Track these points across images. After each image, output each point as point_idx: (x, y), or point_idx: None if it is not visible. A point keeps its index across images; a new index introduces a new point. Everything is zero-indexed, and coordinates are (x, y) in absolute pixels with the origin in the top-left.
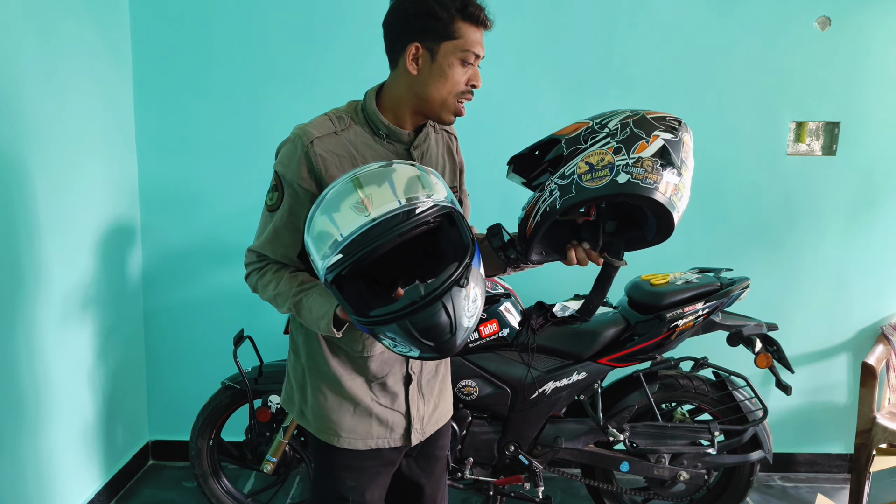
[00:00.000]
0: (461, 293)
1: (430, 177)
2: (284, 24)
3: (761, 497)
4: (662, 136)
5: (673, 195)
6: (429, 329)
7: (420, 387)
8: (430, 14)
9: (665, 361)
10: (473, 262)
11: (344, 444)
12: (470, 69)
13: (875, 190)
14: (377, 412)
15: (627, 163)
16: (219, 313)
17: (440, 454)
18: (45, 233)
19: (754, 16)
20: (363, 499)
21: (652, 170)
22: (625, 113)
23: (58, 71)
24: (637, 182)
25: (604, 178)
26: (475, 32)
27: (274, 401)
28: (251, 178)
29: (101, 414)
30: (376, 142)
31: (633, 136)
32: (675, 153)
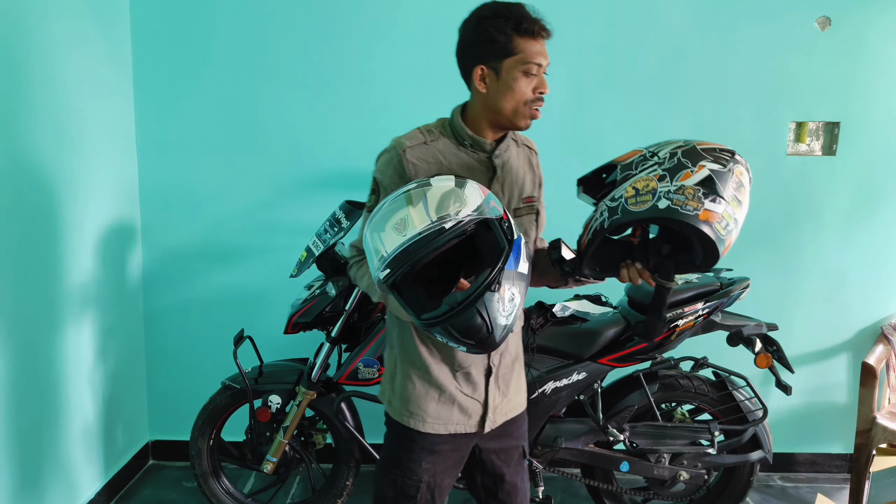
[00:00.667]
0: (494, 297)
1: (465, 189)
2: (285, 24)
3: (761, 497)
4: (709, 166)
5: (716, 223)
6: (466, 330)
7: (497, 379)
8: (488, 39)
9: (665, 361)
10: (509, 264)
11: (428, 428)
12: (534, 79)
13: (875, 190)
14: (460, 400)
15: (669, 189)
16: (219, 313)
17: (518, 444)
18: (45, 233)
19: (754, 16)
20: (435, 480)
21: (693, 197)
22: (677, 143)
23: (58, 71)
24: (676, 208)
25: (646, 202)
26: (533, 45)
27: (274, 401)
28: (251, 178)
29: (101, 414)
30: (461, 150)
31: (679, 164)
32: (721, 183)
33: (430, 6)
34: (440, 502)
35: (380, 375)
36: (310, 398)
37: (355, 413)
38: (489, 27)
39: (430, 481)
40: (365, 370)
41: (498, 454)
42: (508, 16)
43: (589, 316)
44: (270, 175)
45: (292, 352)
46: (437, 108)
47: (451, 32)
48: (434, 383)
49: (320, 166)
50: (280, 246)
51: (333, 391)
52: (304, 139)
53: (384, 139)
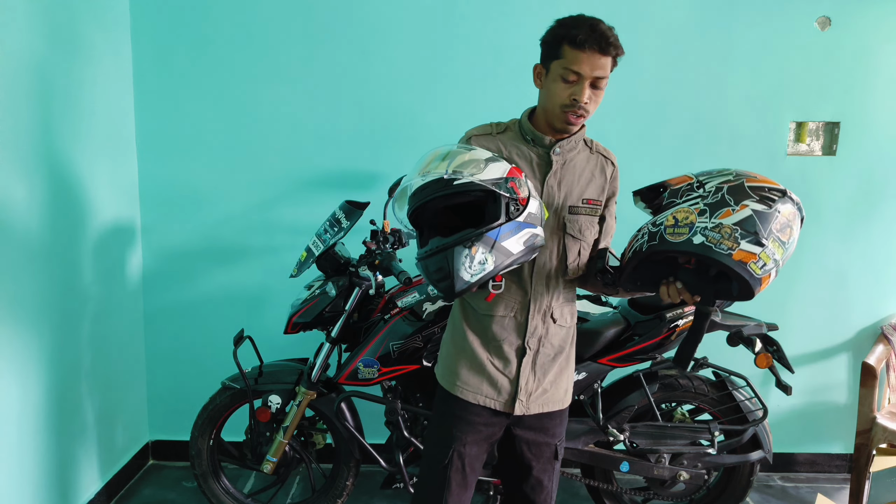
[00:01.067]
0: (463, 252)
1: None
2: (285, 25)
3: (761, 497)
4: (752, 206)
5: (751, 263)
6: (434, 272)
7: (534, 364)
8: (546, 41)
9: (665, 361)
10: (494, 233)
11: (458, 392)
12: (572, 86)
13: (875, 190)
14: (489, 371)
15: (707, 226)
16: (219, 313)
17: (550, 441)
18: (46, 233)
19: (754, 16)
20: (464, 449)
21: (728, 237)
22: (727, 176)
23: (58, 71)
24: (711, 246)
25: (682, 234)
26: (578, 54)
27: (274, 401)
28: (251, 178)
29: (101, 414)
30: (524, 145)
31: (721, 201)
32: (763, 225)
33: (430, 6)
34: (471, 471)
35: (380, 375)
36: (310, 398)
37: (355, 413)
38: (550, 31)
39: (461, 451)
40: (365, 370)
41: (529, 446)
42: (568, 24)
43: (589, 316)
44: (271, 175)
45: (292, 352)
46: (438, 107)
47: (451, 32)
48: (468, 350)
49: (320, 166)
50: (280, 246)
51: (333, 391)
52: (305, 139)
53: (384, 139)
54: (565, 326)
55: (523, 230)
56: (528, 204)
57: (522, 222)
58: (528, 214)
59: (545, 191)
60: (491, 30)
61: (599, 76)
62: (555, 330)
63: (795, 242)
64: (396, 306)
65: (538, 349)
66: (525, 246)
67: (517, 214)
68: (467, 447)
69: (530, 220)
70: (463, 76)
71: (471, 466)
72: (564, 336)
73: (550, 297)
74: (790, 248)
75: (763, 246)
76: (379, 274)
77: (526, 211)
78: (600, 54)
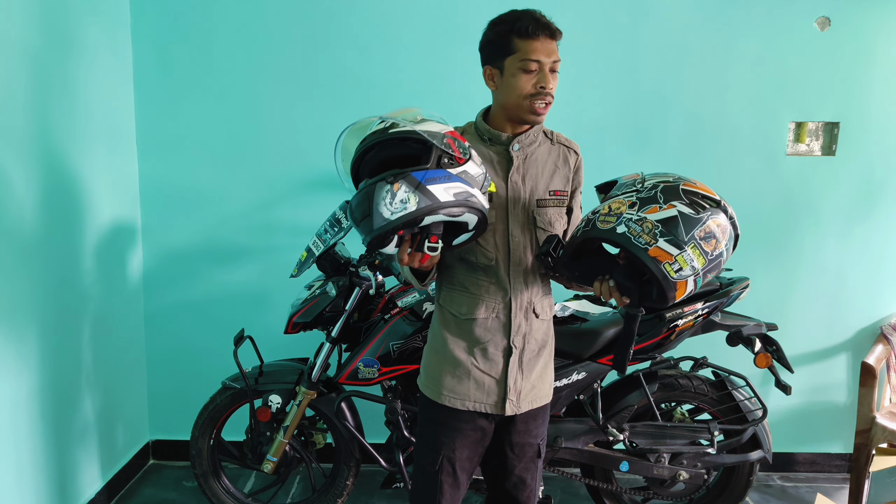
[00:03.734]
0: (385, 187)
1: (430, 121)
2: (285, 25)
3: (761, 497)
4: (679, 207)
5: (665, 263)
6: (355, 210)
7: (521, 362)
8: (490, 41)
9: (665, 361)
10: (421, 175)
11: (444, 401)
12: (534, 75)
13: (875, 190)
14: (475, 375)
15: (632, 218)
16: (219, 313)
17: (532, 441)
18: (46, 233)
19: (754, 16)
20: (453, 455)
21: (648, 232)
22: (668, 178)
23: (58, 71)
24: (630, 237)
25: (610, 223)
26: (533, 44)
27: (274, 401)
28: (251, 178)
29: (101, 414)
30: (482, 145)
31: (653, 198)
32: (686, 227)
33: (430, 6)
34: (462, 472)
35: (380, 375)
36: (310, 398)
37: (355, 413)
38: (491, 32)
39: (450, 456)
40: (365, 370)
41: (512, 447)
42: (509, 20)
43: (589, 316)
44: (270, 175)
45: (292, 352)
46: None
47: (451, 32)
48: (450, 357)
49: (320, 166)
50: (280, 246)
51: (334, 391)
52: (305, 139)
53: None
54: (546, 320)
55: (454, 182)
56: (467, 163)
57: (454, 175)
58: (462, 171)
59: (510, 187)
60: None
61: (556, 60)
62: (537, 325)
63: (724, 257)
64: (396, 306)
65: (524, 346)
66: (455, 198)
67: (450, 165)
68: (457, 451)
69: (465, 177)
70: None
71: (461, 468)
72: (546, 329)
73: (530, 293)
74: (715, 261)
75: (681, 249)
76: (379, 274)
77: (461, 168)
78: (551, 39)
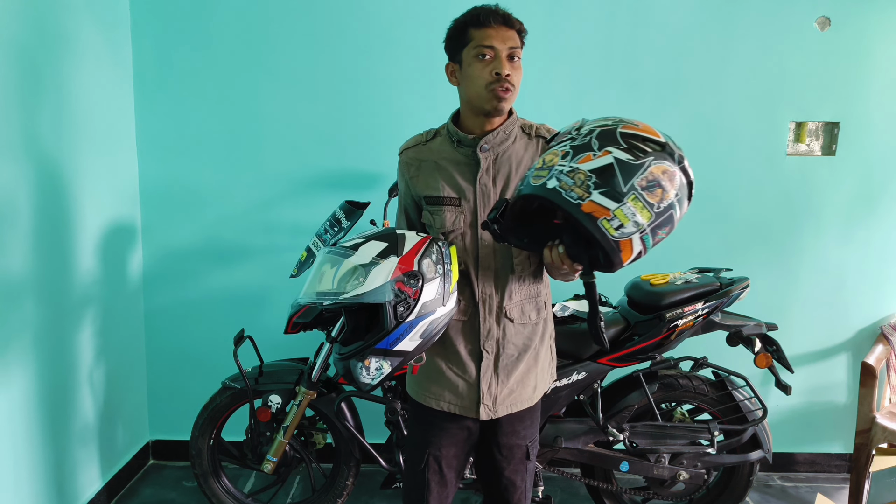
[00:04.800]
0: (358, 364)
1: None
2: (285, 24)
3: (761, 497)
4: (616, 153)
5: (602, 220)
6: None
7: (496, 367)
8: (449, 38)
9: (665, 361)
10: (384, 342)
11: (423, 400)
12: (490, 62)
13: (875, 190)
14: (448, 376)
15: (563, 170)
16: (219, 313)
17: (520, 443)
18: (46, 233)
19: (754, 16)
20: (439, 453)
21: (581, 184)
22: (608, 122)
23: (58, 71)
24: (560, 192)
25: (542, 178)
26: (484, 31)
27: (274, 401)
28: (251, 178)
29: (101, 414)
30: (452, 148)
31: (587, 145)
32: (623, 176)
33: (430, 6)
34: (450, 469)
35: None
36: (310, 398)
37: (355, 413)
38: (450, 31)
39: (436, 454)
40: None
41: (500, 449)
42: (467, 14)
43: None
44: (270, 175)
45: (292, 352)
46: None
47: None
48: (427, 359)
49: (320, 166)
50: (280, 246)
51: (334, 391)
52: (305, 139)
53: (384, 139)
54: (529, 324)
55: (417, 325)
56: (423, 294)
57: (415, 319)
58: (421, 307)
59: (478, 190)
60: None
61: (513, 47)
62: (515, 330)
63: (677, 210)
64: None
65: (498, 352)
66: (423, 338)
67: (408, 314)
68: (443, 450)
69: (425, 310)
70: None
71: (448, 466)
72: (529, 334)
73: (501, 298)
74: (664, 215)
75: (620, 202)
76: None
77: (419, 304)
78: (506, 27)
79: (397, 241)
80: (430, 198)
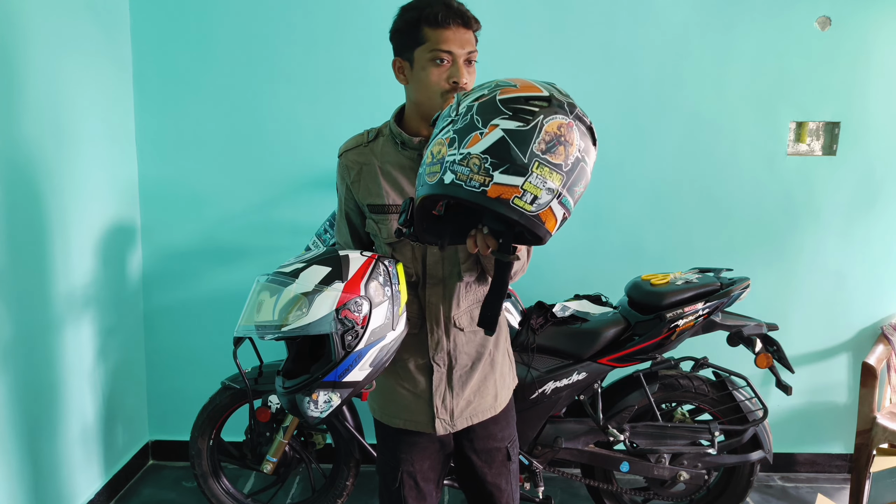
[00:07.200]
0: (305, 399)
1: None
2: (285, 25)
3: (761, 497)
4: (503, 125)
5: (514, 198)
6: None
7: (449, 380)
8: (398, 30)
9: (665, 361)
10: (332, 374)
11: (381, 418)
12: (446, 67)
13: (875, 190)
14: (400, 393)
15: (455, 159)
16: (219, 313)
17: (498, 445)
18: (46, 233)
19: (754, 16)
20: (413, 468)
21: (478, 170)
22: (482, 90)
23: (58, 71)
24: (460, 184)
25: (435, 174)
26: (442, 33)
27: (274, 401)
28: (251, 178)
29: (101, 414)
30: (395, 150)
31: (470, 124)
32: (520, 147)
33: None
34: (429, 485)
35: None
36: None
37: (355, 413)
38: (400, 19)
39: (409, 470)
40: None
41: (479, 454)
42: (418, 6)
43: (589, 316)
44: (270, 175)
45: None
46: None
47: None
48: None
49: (320, 166)
50: (280, 246)
51: None
52: (305, 139)
53: None
54: (480, 331)
55: (366, 353)
56: (371, 320)
57: (364, 348)
58: (370, 334)
59: None
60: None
61: (471, 51)
62: (466, 338)
63: (587, 161)
64: None
65: (451, 364)
66: (373, 366)
67: (356, 342)
68: (416, 465)
69: (374, 336)
70: None
71: (424, 479)
72: (482, 341)
73: (448, 307)
74: (574, 171)
75: (525, 175)
76: None
77: (367, 331)
78: (465, 28)
79: (341, 265)
80: (374, 206)
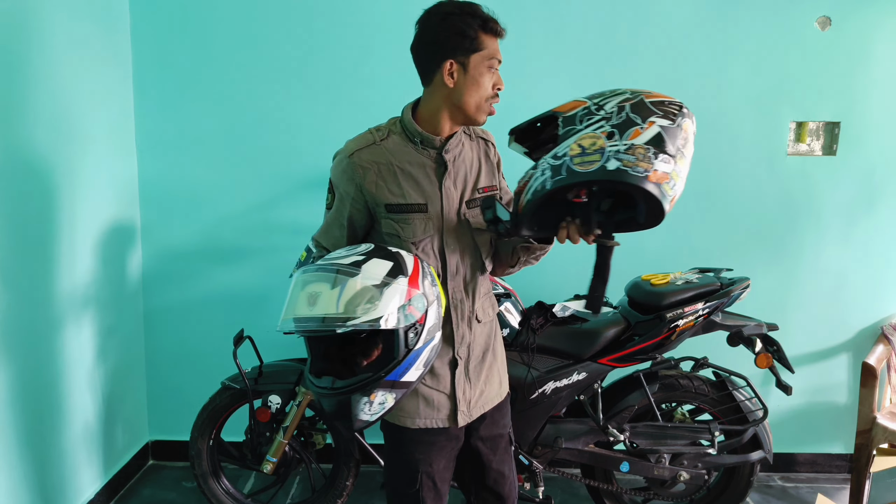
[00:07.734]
0: (361, 399)
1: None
2: (285, 25)
3: (761, 497)
4: (659, 122)
5: (664, 184)
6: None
7: (467, 371)
8: (459, 33)
9: (665, 361)
10: (393, 374)
11: (398, 421)
12: (494, 75)
13: (875, 190)
14: (423, 392)
15: (619, 149)
16: (219, 313)
17: (502, 432)
18: (45, 233)
19: (755, 16)
20: (431, 469)
21: (643, 158)
22: (624, 94)
23: (58, 71)
24: (626, 170)
25: (594, 162)
26: (494, 42)
27: (274, 401)
28: (251, 178)
29: (101, 414)
30: (411, 148)
31: (628, 121)
32: (671, 141)
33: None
34: (444, 485)
35: None
36: (310, 398)
37: None
38: (459, 23)
39: (428, 471)
40: None
41: (485, 441)
42: (474, 13)
43: (589, 316)
44: (270, 175)
45: (292, 352)
46: None
47: None
48: None
49: (320, 166)
50: (280, 246)
51: None
52: (304, 139)
53: None
54: (489, 321)
55: (423, 351)
56: (427, 317)
57: (421, 347)
58: (427, 332)
59: (443, 194)
60: None
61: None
62: (480, 330)
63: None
64: None
65: (468, 356)
66: (424, 368)
67: (416, 340)
68: (434, 465)
69: (429, 335)
70: None
71: (441, 479)
72: (488, 332)
73: (472, 300)
74: (689, 161)
75: (674, 164)
76: None
77: (425, 329)
78: (502, 37)
79: (399, 261)
80: (394, 205)
